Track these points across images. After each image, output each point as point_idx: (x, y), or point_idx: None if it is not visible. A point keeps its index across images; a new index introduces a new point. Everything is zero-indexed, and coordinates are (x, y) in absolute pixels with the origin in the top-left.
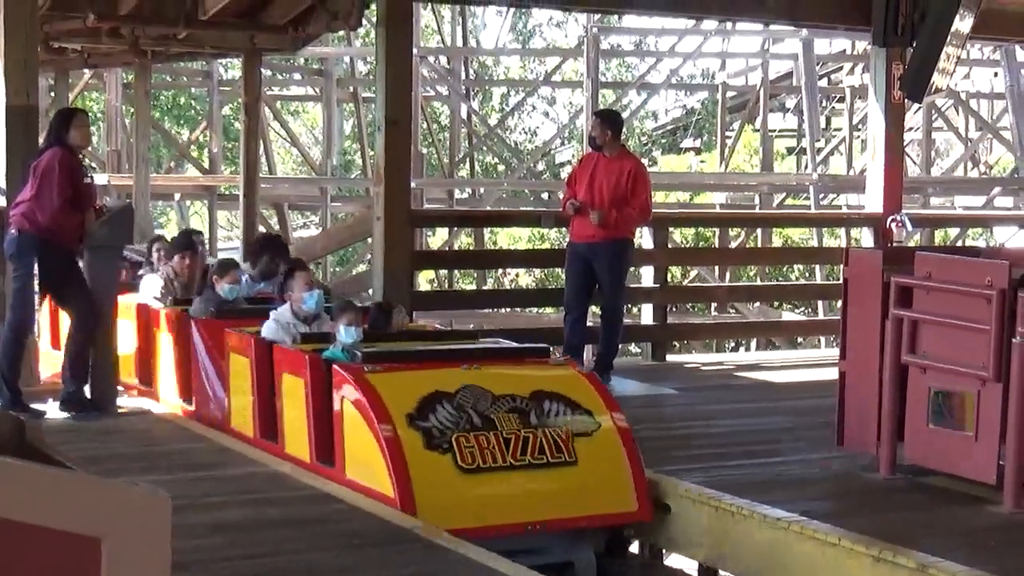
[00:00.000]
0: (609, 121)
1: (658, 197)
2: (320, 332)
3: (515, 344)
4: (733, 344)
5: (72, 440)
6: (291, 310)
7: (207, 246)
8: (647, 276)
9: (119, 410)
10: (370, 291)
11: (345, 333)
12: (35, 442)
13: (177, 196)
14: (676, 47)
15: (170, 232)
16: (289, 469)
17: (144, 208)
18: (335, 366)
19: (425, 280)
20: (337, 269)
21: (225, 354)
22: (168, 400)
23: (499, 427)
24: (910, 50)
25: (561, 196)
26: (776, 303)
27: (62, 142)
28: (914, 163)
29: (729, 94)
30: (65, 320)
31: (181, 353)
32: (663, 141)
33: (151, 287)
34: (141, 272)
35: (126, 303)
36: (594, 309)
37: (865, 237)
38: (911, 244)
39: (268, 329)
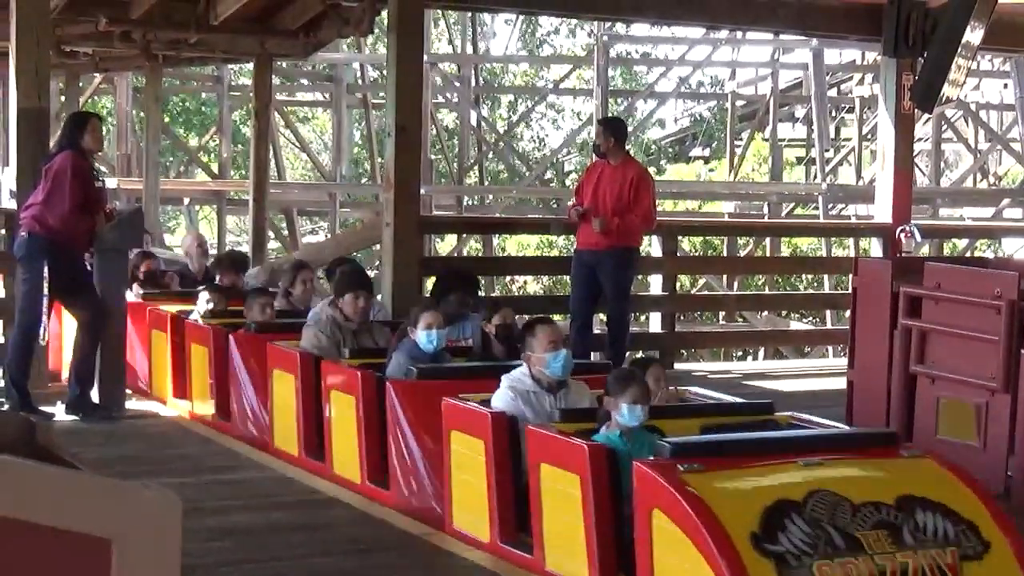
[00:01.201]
0: (612, 128)
1: (667, 205)
2: (580, 408)
3: (851, 428)
4: (741, 353)
5: (79, 442)
6: (531, 375)
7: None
8: (656, 284)
9: (127, 413)
10: (379, 297)
11: (628, 413)
12: (46, 443)
13: (186, 201)
14: (686, 56)
15: (179, 234)
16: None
17: (153, 212)
18: (638, 464)
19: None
20: None
21: (445, 434)
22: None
23: (868, 549)
24: (920, 61)
25: (568, 204)
26: (784, 312)
27: (74, 145)
28: (923, 174)
29: (739, 103)
30: (73, 323)
31: (370, 423)
32: (671, 150)
33: (309, 334)
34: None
35: (278, 350)
36: (601, 316)
37: (874, 247)
38: (920, 255)
39: (502, 400)
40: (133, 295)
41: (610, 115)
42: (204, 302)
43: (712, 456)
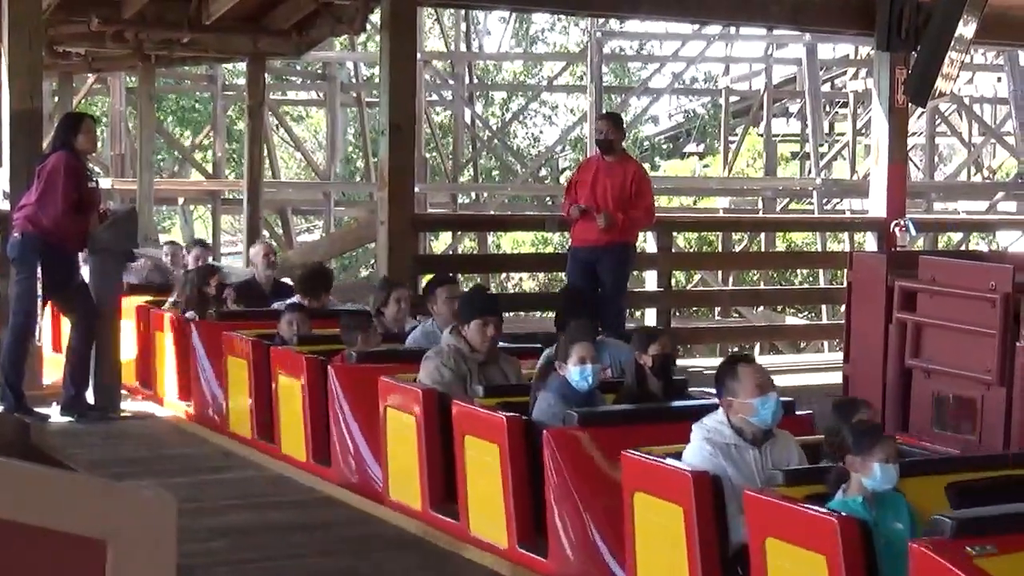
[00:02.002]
0: (618, 122)
1: (661, 201)
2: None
3: None
4: (736, 348)
5: (75, 443)
6: (730, 424)
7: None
8: (651, 280)
9: (122, 414)
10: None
11: (882, 475)
12: (40, 444)
13: (181, 200)
14: (679, 52)
15: (175, 235)
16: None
17: (148, 212)
18: (917, 547)
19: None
20: (342, 275)
21: (627, 495)
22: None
23: None
24: (914, 55)
25: (562, 202)
26: (779, 307)
27: (68, 146)
28: (917, 168)
29: (733, 99)
30: (67, 324)
31: (519, 476)
32: (665, 147)
33: (430, 367)
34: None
35: (394, 386)
36: None
37: (869, 241)
38: (915, 248)
39: (698, 455)
40: (196, 312)
41: (606, 111)
42: (287, 324)
43: (1006, 533)
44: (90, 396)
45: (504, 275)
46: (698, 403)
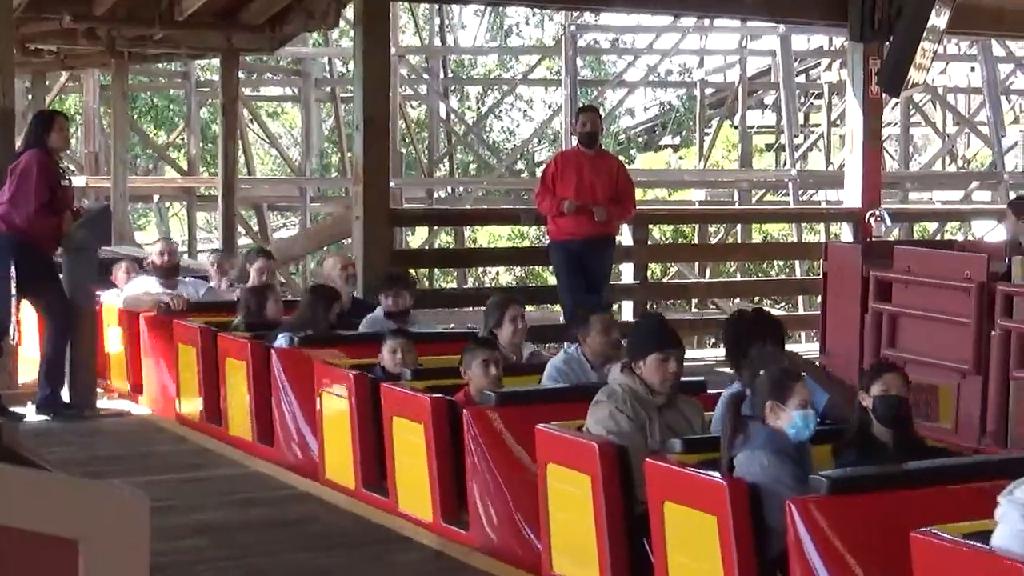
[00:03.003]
0: (599, 115)
1: (637, 194)
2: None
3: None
4: (714, 340)
5: (51, 443)
6: None
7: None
8: (627, 273)
9: (98, 412)
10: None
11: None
12: (11, 444)
13: (156, 198)
14: (654, 44)
15: (151, 233)
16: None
17: (122, 210)
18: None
19: None
20: (317, 271)
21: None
22: None
23: None
24: (887, 45)
25: (535, 195)
26: (756, 298)
27: (40, 144)
28: (892, 158)
29: (707, 91)
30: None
31: (745, 556)
32: (640, 139)
33: (602, 413)
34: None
35: (558, 438)
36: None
37: (844, 232)
38: (890, 239)
39: None
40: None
41: (583, 103)
42: (390, 354)
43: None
44: (66, 395)
45: (481, 269)
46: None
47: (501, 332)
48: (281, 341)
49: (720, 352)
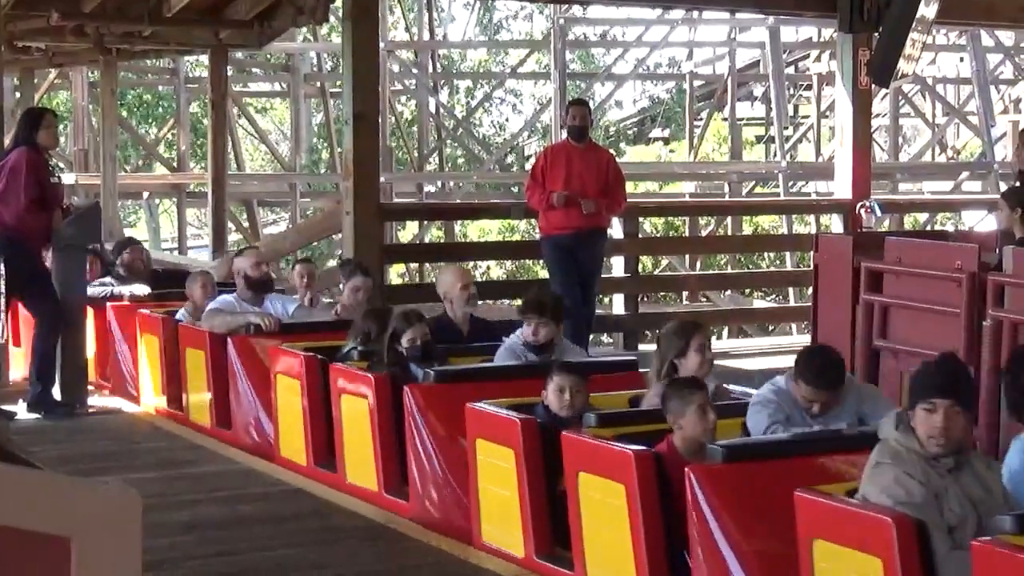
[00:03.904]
0: (589, 109)
1: (627, 187)
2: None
3: None
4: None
5: (42, 440)
6: None
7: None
8: (618, 266)
9: (89, 409)
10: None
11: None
12: (1, 442)
13: (146, 195)
14: (643, 37)
15: (140, 229)
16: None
17: (112, 207)
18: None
19: (396, 274)
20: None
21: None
22: None
23: None
24: (876, 36)
25: (525, 189)
26: (747, 291)
27: (30, 142)
28: (882, 149)
29: (697, 83)
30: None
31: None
32: (630, 132)
33: (886, 479)
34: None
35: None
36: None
37: (835, 223)
38: (880, 230)
39: None
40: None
41: (573, 97)
42: (557, 393)
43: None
44: (57, 392)
45: (471, 263)
46: None
47: (685, 363)
48: (417, 373)
49: (712, 345)
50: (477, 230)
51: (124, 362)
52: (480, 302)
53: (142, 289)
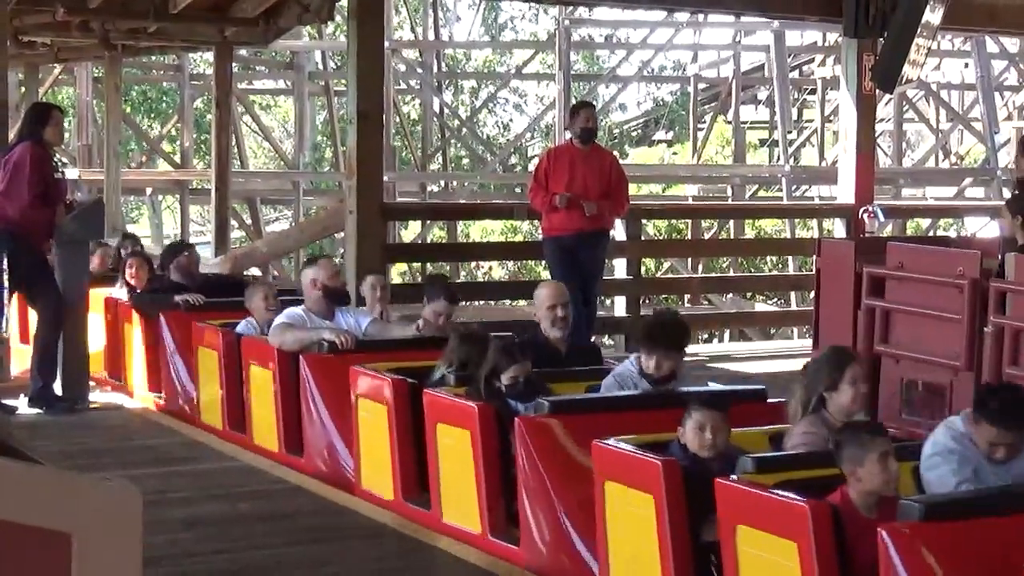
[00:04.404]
0: (595, 112)
1: (630, 190)
2: None
3: None
4: (706, 335)
5: (43, 436)
6: None
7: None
8: (620, 268)
9: (91, 405)
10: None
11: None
12: (4, 437)
13: (149, 191)
14: (648, 39)
15: (143, 225)
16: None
17: (115, 203)
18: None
19: (397, 273)
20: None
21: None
22: None
23: None
24: (881, 41)
25: (529, 190)
26: (749, 294)
27: (35, 137)
28: (885, 154)
29: (701, 86)
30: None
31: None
32: (634, 134)
33: None
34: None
35: None
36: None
37: (837, 228)
38: (883, 235)
39: None
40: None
41: (577, 99)
42: (696, 431)
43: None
44: (58, 388)
45: (474, 263)
46: None
47: (835, 398)
48: (526, 407)
49: (712, 347)
50: (479, 230)
51: (178, 376)
52: (480, 303)
53: (197, 297)
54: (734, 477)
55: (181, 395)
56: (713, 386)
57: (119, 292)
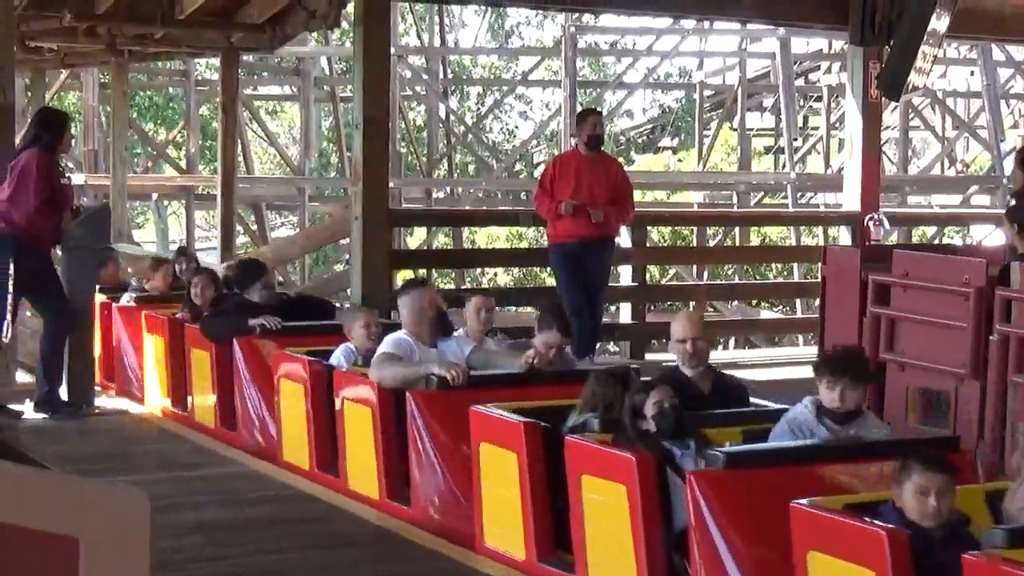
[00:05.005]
0: (603, 119)
1: (636, 196)
2: None
3: None
4: (711, 342)
5: (49, 440)
6: None
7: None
8: (625, 275)
9: (96, 410)
10: (348, 291)
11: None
12: (10, 441)
13: (154, 196)
14: (653, 46)
15: (148, 231)
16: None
17: (121, 208)
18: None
19: (403, 279)
20: (314, 271)
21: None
22: None
23: None
24: (887, 49)
25: (534, 197)
26: (754, 302)
27: (43, 143)
28: (891, 162)
29: (707, 93)
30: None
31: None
32: (640, 141)
33: None
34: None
35: None
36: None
37: (843, 236)
38: (888, 242)
39: None
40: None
41: (582, 106)
42: (917, 495)
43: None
44: (64, 393)
45: (479, 270)
46: None
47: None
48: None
49: (717, 355)
50: (485, 237)
51: (254, 408)
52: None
53: (275, 321)
54: (981, 552)
55: (257, 429)
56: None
57: (182, 314)
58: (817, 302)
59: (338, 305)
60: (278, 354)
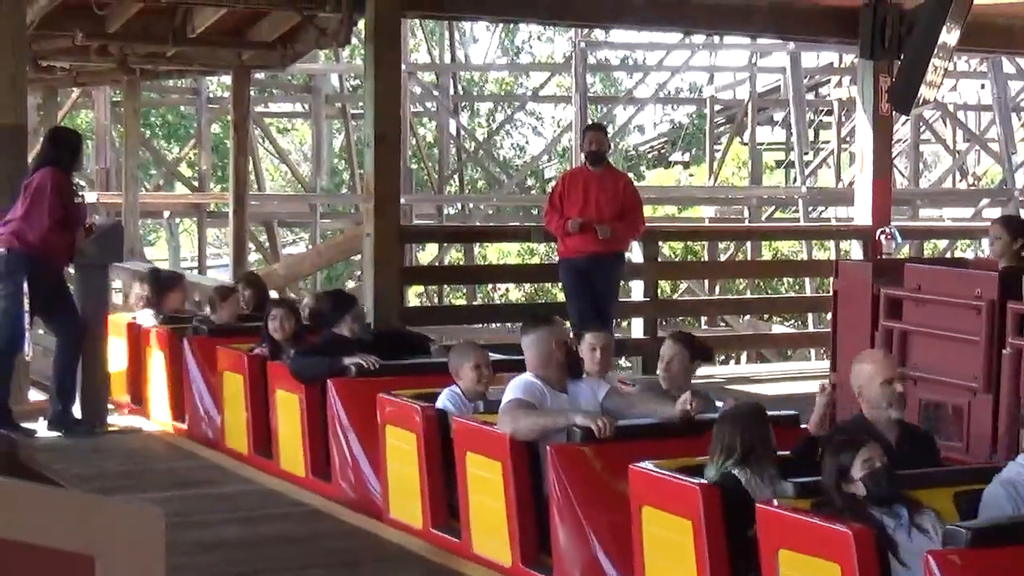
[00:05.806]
0: (606, 133)
1: (647, 211)
2: None
3: None
4: (723, 357)
5: (62, 459)
6: None
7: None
8: (637, 290)
9: (109, 428)
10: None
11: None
12: (27, 461)
13: (166, 214)
14: (664, 61)
15: (160, 248)
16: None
17: (133, 226)
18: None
19: (414, 295)
20: (327, 288)
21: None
22: None
23: None
24: (897, 63)
25: (544, 213)
26: (766, 316)
27: (58, 163)
28: (902, 175)
29: (717, 107)
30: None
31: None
32: (651, 156)
33: None
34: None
35: None
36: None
37: (854, 249)
38: (900, 256)
39: None
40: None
41: (592, 121)
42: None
43: None
44: (77, 411)
45: (490, 286)
46: None
47: None
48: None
49: (729, 369)
50: (496, 252)
51: (353, 458)
52: (496, 325)
53: (372, 360)
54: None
55: (356, 481)
56: None
57: (260, 349)
58: (829, 316)
59: (432, 340)
60: (380, 399)
